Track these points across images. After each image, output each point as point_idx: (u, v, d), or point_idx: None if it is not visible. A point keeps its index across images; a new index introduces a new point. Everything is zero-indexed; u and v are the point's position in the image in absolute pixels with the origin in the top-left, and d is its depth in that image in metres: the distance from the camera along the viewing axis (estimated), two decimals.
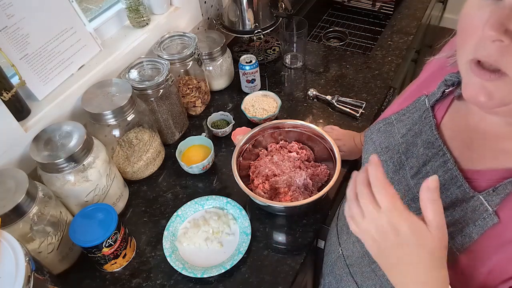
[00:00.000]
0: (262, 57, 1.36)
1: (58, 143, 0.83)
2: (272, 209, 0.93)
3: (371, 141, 0.67)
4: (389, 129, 0.64)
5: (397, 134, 0.62)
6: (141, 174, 1.04)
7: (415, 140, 0.59)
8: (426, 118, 0.58)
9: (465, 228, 0.48)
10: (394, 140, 0.62)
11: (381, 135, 0.65)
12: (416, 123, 0.60)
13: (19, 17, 0.84)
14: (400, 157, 0.61)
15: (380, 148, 0.65)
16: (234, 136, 1.10)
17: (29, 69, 0.88)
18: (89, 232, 0.80)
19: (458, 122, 0.55)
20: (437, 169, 0.54)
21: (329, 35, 1.66)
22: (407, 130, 0.61)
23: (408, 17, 1.55)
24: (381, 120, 0.67)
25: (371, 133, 0.68)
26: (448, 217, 0.50)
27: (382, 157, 0.64)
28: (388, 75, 1.29)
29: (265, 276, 0.84)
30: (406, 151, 0.60)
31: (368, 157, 0.65)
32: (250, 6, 1.24)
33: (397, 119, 0.64)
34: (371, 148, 0.67)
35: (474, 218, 0.48)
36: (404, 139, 0.61)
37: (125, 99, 0.90)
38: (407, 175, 0.59)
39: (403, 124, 0.62)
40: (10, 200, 0.71)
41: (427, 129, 0.57)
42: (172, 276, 0.86)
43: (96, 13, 1.11)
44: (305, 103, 1.23)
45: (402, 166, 0.60)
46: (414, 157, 0.58)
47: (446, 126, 0.56)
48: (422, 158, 0.57)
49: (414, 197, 0.57)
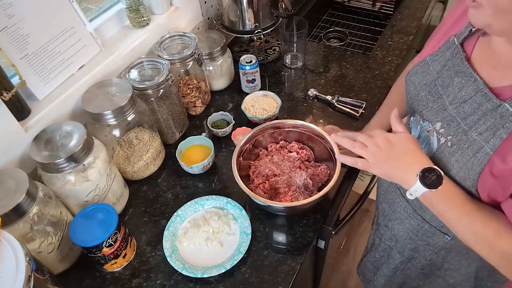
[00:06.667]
0: (262, 57, 1.36)
1: (58, 143, 0.83)
2: (272, 209, 0.93)
3: (411, 82, 0.78)
4: (425, 69, 0.75)
5: (433, 71, 0.73)
6: (141, 174, 1.04)
7: (449, 73, 0.69)
8: (457, 54, 0.68)
9: (497, 131, 0.59)
10: (431, 77, 0.73)
11: (419, 75, 0.76)
12: (449, 59, 0.70)
13: (19, 17, 0.84)
14: (437, 89, 0.71)
15: (420, 86, 0.75)
16: (234, 136, 1.10)
17: (29, 69, 0.89)
18: (89, 232, 0.80)
19: (485, 52, 0.65)
20: (471, 92, 0.64)
21: (329, 35, 1.66)
22: (441, 67, 0.71)
23: (408, 17, 1.55)
24: (417, 63, 0.78)
25: (410, 76, 0.78)
26: (482, 125, 0.61)
27: (422, 93, 0.75)
28: (388, 75, 1.29)
29: (265, 276, 0.85)
30: (442, 83, 0.70)
31: (409, 97, 0.79)
32: (250, 6, 1.24)
33: (431, 59, 0.74)
34: (411, 88, 0.78)
35: (502, 122, 0.59)
36: (440, 74, 0.71)
37: (125, 99, 0.91)
38: (445, 102, 0.69)
39: (437, 63, 0.72)
40: (10, 200, 0.71)
41: (459, 62, 0.68)
42: (172, 276, 0.86)
43: (96, 13, 1.11)
44: (305, 103, 1.23)
45: (440, 96, 0.71)
46: (450, 87, 0.69)
47: (475, 57, 0.67)
48: (457, 86, 0.67)
49: (451, 120, 0.68)
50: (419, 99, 0.75)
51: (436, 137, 0.71)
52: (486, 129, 0.61)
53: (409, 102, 0.81)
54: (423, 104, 0.74)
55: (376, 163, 0.71)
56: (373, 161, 0.71)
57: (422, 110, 0.75)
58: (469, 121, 0.64)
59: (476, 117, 0.63)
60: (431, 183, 0.65)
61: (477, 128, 0.62)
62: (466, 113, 0.65)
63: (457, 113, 0.66)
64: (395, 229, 0.93)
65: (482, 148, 0.61)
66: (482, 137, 0.61)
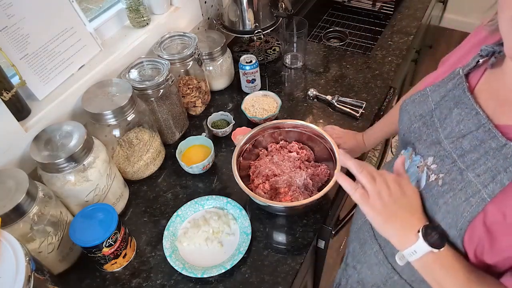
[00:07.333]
0: (262, 57, 1.36)
1: (58, 143, 0.83)
2: (272, 209, 0.93)
3: (406, 111, 0.70)
4: (423, 99, 0.67)
5: (431, 102, 0.66)
6: (141, 174, 1.04)
7: (448, 104, 0.62)
8: (459, 84, 0.61)
9: (497, 175, 0.52)
10: (428, 107, 0.66)
11: (416, 105, 0.68)
12: (450, 90, 0.63)
13: (19, 17, 0.84)
14: (434, 120, 0.64)
15: (414, 116, 0.68)
16: (234, 136, 1.10)
17: (29, 69, 0.89)
18: (89, 232, 0.80)
19: (493, 85, 0.58)
20: (471, 126, 0.57)
21: (329, 35, 1.66)
22: (441, 97, 0.64)
23: (408, 17, 1.55)
24: (416, 92, 0.70)
25: (406, 105, 0.71)
26: (481, 166, 0.54)
27: (416, 124, 0.67)
28: (388, 75, 1.29)
29: (265, 276, 0.84)
30: (440, 114, 0.63)
31: (402, 127, 0.71)
32: (250, 6, 1.24)
33: (432, 89, 0.66)
34: (405, 118, 0.70)
35: (505, 165, 0.51)
36: (438, 105, 0.64)
37: (125, 99, 0.91)
38: (441, 135, 0.62)
39: (437, 93, 0.65)
40: (10, 200, 0.71)
41: (460, 92, 0.60)
42: (172, 276, 0.86)
43: (96, 13, 1.11)
44: (305, 103, 1.23)
45: (435, 129, 0.63)
46: (447, 119, 0.62)
47: (480, 90, 0.60)
48: (456, 118, 0.60)
49: (445, 156, 0.60)
50: (412, 131, 0.68)
51: (426, 174, 0.63)
52: (485, 171, 0.53)
53: (401, 133, 0.73)
54: (415, 136, 0.67)
55: (377, 204, 0.60)
56: (375, 199, 0.60)
57: (414, 142, 0.68)
58: (467, 159, 0.56)
59: (475, 156, 0.55)
60: (434, 241, 0.55)
61: (475, 168, 0.54)
62: (464, 149, 0.57)
63: (453, 149, 0.59)
64: (363, 273, 0.84)
65: (479, 192, 0.53)
66: (479, 180, 0.53)
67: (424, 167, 0.63)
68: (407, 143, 0.71)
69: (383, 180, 0.61)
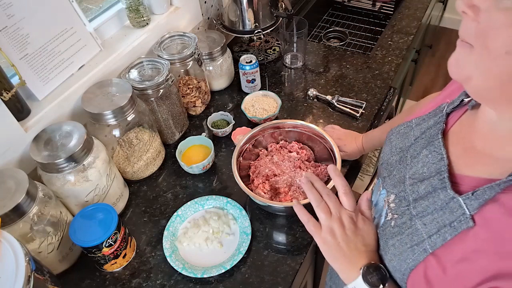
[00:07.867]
0: (262, 57, 1.36)
1: (58, 143, 0.83)
2: (272, 209, 0.93)
3: (389, 141, 0.69)
4: (407, 131, 0.66)
5: (412, 137, 0.64)
6: (141, 174, 1.04)
7: (423, 142, 0.60)
8: (438, 124, 0.60)
9: (442, 228, 0.49)
10: (408, 142, 0.64)
11: (399, 137, 0.67)
12: (430, 127, 0.61)
13: (19, 17, 0.84)
14: (407, 157, 0.62)
15: (395, 149, 0.67)
16: (234, 136, 1.10)
17: (29, 69, 0.88)
18: (89, 232, 0.80)
19: (465, 129, 0.56)
20: (432, 171, 0.55)
21: (329, 35, 1.66)
22: (421, 133, 0.62)
23: (408, 17, 1.55)
24: (403, 123, 0.69)
25: (391, 134, 0.70)
26: (429, 215, 0.52)
27: (394, 157, 0.66)
28: (388, 75, 1.29)
29: (265, 276, 0.84)
30: (413, 152, 0.61)
31: (382, 156, 0.70)
32: (250, 6, 1.24)
33: (417, 123, 0.65)
34: (387, 149, 0.69)
35: (451, 219, 0.49)
36: (416, 142, 0.62)
37: (125, 99, 0.90)
38: (406, 175, 0.60)
39: (419, 128, 0.64)
40: (10, 200, 0.71)
41: (435, 133, 0.59)
42: (172, 276, 0.86)
43: (96, 13, 1.11)
44: (305, 103, 1.23)
45: (405, 166, 0.62)
46: (416, 159, 0.60)
47: (453, 132, 0.58)
48: (422, 160, 0.58)
49: (404, 197, 0.58)
50: (389, 163, 0.66)
51: (385, 211, 0.61)
52: (431, 221, 0.51)
53: (380, 161, 0.71)
54: (388, 170, 0.66)
55: (328, 238, 0.61)
56: (326, 233, 0.61)
57: (385, 176, 0.66)
58: (418, 204, 0.54)
59: (426, 203, 0.53)
60: (373, 282, 0.56)
61: (423, 217, 0.53)
62: (419, 194, 0.55)
63: (411, 192, 0.57)
64: None
65: (423, 242, 0.51)
66: (425, 229, 0.51)
67: (387, 204, 0.62)
68: (380, 174, 0.70)
69: (338, 217, 0.62)
